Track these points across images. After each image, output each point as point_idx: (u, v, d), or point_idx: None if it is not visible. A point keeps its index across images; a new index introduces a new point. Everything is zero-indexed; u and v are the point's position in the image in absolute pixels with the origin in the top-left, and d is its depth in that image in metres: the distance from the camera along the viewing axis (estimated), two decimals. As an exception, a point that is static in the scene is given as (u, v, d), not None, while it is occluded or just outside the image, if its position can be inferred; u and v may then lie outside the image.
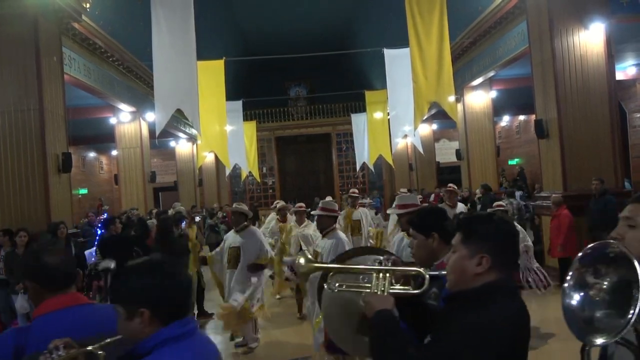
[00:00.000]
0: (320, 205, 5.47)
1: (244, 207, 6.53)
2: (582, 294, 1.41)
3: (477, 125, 14.29)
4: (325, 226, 5.31)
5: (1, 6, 8.22)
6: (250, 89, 23.11)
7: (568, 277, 1.46)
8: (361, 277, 2.02)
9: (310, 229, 7.33)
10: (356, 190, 10.88)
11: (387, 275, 1.89)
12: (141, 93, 14.11)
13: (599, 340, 1.34)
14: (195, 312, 7.50)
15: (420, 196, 13.04)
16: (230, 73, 15.24)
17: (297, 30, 20.56)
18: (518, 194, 14.63)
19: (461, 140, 15.06)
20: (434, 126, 19.73)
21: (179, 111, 8.27)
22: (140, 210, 12.96)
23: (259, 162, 19.54)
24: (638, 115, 13.55)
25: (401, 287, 1.89)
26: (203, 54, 9.34)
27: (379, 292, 1.84)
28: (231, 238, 6.32)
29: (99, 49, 11.00)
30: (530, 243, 6.40)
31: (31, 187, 8.30)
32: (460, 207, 8.35)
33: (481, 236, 1.68)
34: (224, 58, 11.15)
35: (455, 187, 8.54)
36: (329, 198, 11.76)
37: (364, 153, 17.69)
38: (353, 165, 22.00)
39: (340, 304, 2.13)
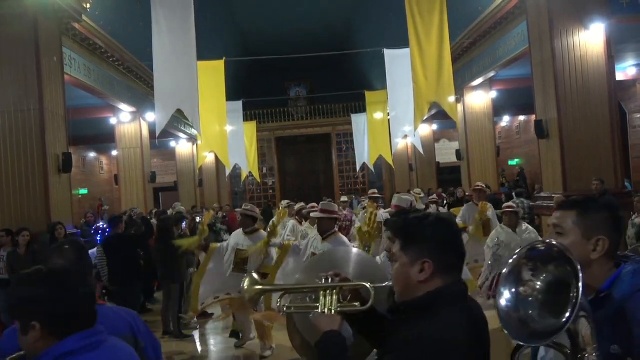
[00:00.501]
0: (320, 207, 5.32)
1: (254, 210, 6.23)
2: (514, 289, 1.35)
3: (477, 125, 14.29)
4: (326, 229, 5.11)
5: (1, 6, 8.22)
6: (250, 89, 23.11)
7: (510, 261, 1.40)
8: (308, 296, 1.93)
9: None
10: (376, 191, 10.51)
11: (334, 292, 1.79)
12: (141, 93, 14.11)
13: (531, 343, 1.31)
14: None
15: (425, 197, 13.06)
16: (231, 73, 15.25)
17: (297, 30, 20.56)
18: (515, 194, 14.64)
19: (461, 141, 15.06)
20: (434, 126, 19.73)
21: (179, 111, 8.28)
22: (140, 211, 12.95)
23: (259, 162, 19.55)
24: (638, 116, 13.55)
25: (349, 304, 1.79)
26: (203, 54, 9.35)
27: (326, 311, 1.75)
28: (239, 239, 5.99)
29: (99, 49, 11.00)
30: None
31: (31, 187, 8.30)
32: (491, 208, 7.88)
33: (420, 240, 1.55)
34: (224, 58, 11.16)
35: (484, 186, 8.07)
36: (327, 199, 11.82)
37: (364, 153, 17.70)
38: (353, 166, 22.00)
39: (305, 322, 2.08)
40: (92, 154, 21.00)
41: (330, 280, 1.85)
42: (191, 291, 6.30)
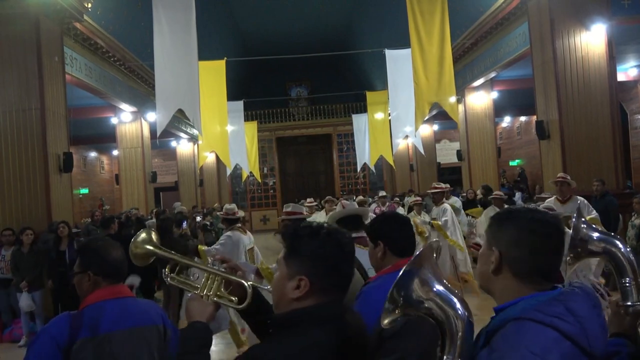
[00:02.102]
0: (284, 209, 5.03)
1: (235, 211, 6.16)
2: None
3: (478, 126, 14.29)
4: None
5: (2, 6, 8.23)
6: (251, 90, 23.15)
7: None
8: (193, 274, 1.90)
9: None
10: (385, 193, 10.04)
11: (216, 278, 1.71)
12: (142, 93, 14.12)
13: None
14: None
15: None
16: (232, 73, 15.25)
17: (298, 30, 20.57)
18: (518, 195, 14.65)
19: (462, 141, 15.06)
20: (435, 127, 19.74)
21: (180, 111, 8.28)
22: (141, 210, 12.97)
23: (259, 162, 19.55)
24: (639, 117, 13.54)
25: (227, 296, 1.71)
26: (204, 54, 9.36)
27: (203, 297, 1.69)
28: (245, 239, 5.96)
29: (100, 49, 11.01)
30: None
31: (32, 186, 8.31)
32: (574, 204, 6.37)
33: (302, 254, 1.42)
34: (225, 58, 11.16)
35: (568, 177, 6.78)
36: (309, 199, 11.85)
37: (365, 154, 17.70)
38: (354, 166, 21.99)
39: None
40: (93, 154, 21.01)
41: (217, 265, 1.77)
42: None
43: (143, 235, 1.93)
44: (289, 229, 1.51)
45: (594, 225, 1.74)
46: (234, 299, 1.71)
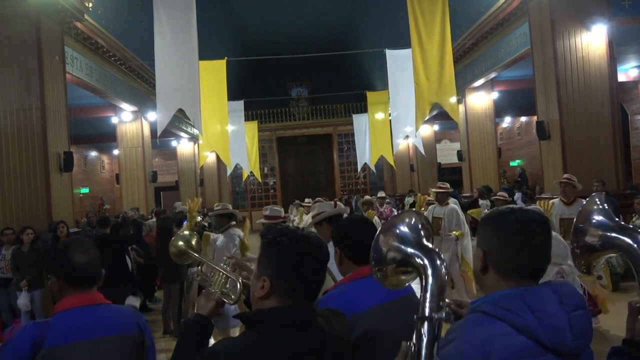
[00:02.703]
0: (265, 212, 4.86)
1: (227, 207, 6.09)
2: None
3: (478, 126, 14.29)
4: None
5: (3, 5, 8.23)
6: (251, 89, 23.15)
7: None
8: (210, 273, 2.03)
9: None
10: (383, 194, 9.72)
11: (222, 276, 1.90)
12: (143, 93, 14.13)
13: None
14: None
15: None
16: (232, 73, 15.26)
17: (298, 30, 20.57)
18: (518, 195, 14.64)
19: (462, 142, 15.06)
20: (436, 127, 19.74)
21: (180, 111, 8.28)
22: (141, 210, 12.97)
23: (260, 162, 19.56)
24: (639, 117, 13.54)
25: (226, 293, 1.87)
26: (205, 54, 9.36)
27: (212, 292, 1.85)
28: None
29: (101, 48, 11.01)
30: (568, 264, 4.90)
31: (32, 185, 8.31)
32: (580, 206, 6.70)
33: (268, 256, 1.48)
34: (226, 58, 11.16)
35: (574, 178, 6.53)
36: (307, 200, 11.81)
37: (365, 154, 17.71)
38: (354, 166, 22.00)
39: None
40: (94, 153, 21.02)
41: (226, 264, 1.96)
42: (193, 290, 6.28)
43: (182, 236, 2.23)
44: (266, 229, 1.58)
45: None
46: (232, 296, 1.84)
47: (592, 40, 8.97)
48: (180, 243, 2.23)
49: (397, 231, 1.36)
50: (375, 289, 1.87)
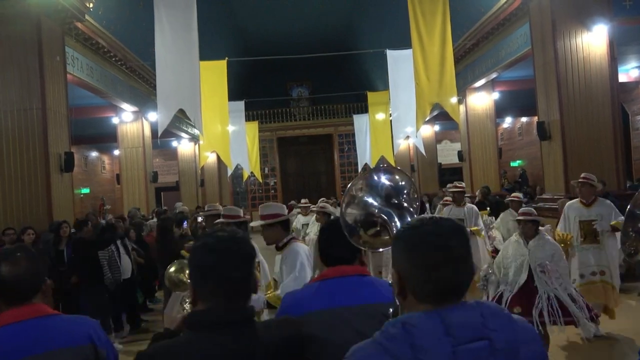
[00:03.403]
0: (223, 211, 4.70)
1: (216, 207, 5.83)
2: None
3: (479, 126, 14.29)
4: (273, 239, 3.83)
5: (4, 6, 8.24)
6: (252, 90, 23.15)
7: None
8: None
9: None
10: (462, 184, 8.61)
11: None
12: (143, 93, 14.13)
13: None
14: None
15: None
16: (233, 73, 15.26)
17: (299, 30, 20.57)
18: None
19: (463, 142, 15.06)
20: (436, 127, 19.74)
21: (181, 111, 8.29)
22: (141, 210, 12.97)
23: (260, 162, 19.57)
24: (640, 118, 13.53)
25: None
26: (205, 54, 9.36)
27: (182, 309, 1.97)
28: None
29: (101, 48, 11.01)
30: (563, 264, 4.90)
31: (33, 186, 8.31)
32: (601, 207, 5.97)
33: (190, 263, 1.53)
34: (227, 58, 11.18)
35: (592, 178, 6.14)
36: (304, 200, 11.65)
37: (366, 154, 17.71)
38: (355, 166, 22.01)
39: None
40: (94, 154, 21.03)
41: None
42: None
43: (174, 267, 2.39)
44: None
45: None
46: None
47: (593, 40, 8.97)
48: (173, 273, 2.31)
49: (367, 189, 1.33)
50: (338, 292, 1.87)
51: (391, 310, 1.35)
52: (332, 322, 1.80)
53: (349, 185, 1.40)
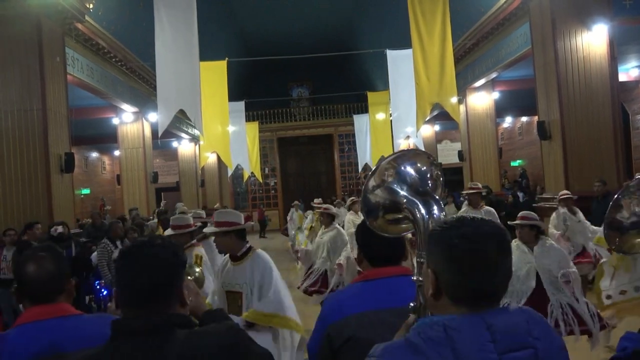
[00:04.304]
0: (172, 221, 4.51)
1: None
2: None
3: (479, 126, 14.29)
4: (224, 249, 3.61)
5: (4, 7, 8.25)
6: (252, 90, 23.14)
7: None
8: None
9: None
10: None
11: None
12: (144, 93, 14.14)
13: None
14: None
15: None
16: (233, 74, 15.26)
17: (299, 30, 20.57)
18: (519, 195, 14.63)
19: (463, 142, 15.05)
20: (437, 127, 19.73)
21: (181, 111, 8.29)
22: (141, 210, 12.98)
23: (261, 162, 19.57)
24: (641, 117, 13.53)
25: None
26: (205, 54, 9.36)
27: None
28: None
29: (101, 49, 11.02)
30: (573, 270, 4.53)
31: (34, 186, 8.32)
32: None
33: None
34: (227, 59, 11.18)
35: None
36: (317, 200, 11.79)
37: (366, 154, 17.72)
38: (355, 167, 22.02)
39: None
40: (95, 154, 21.04)
41: None
42: None
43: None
44: None
45: None
46: None
47: (593, 40, 8.96)
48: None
49: (397, 174, 1.30)
50: (377, 294, 1.83)
51: (412, 304, 1.30)
52: (374, 324, 1.75)
53: (381, 162, 1.37)
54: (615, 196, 1.56)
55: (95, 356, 1.40)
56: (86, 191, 19.49)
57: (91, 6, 9.41)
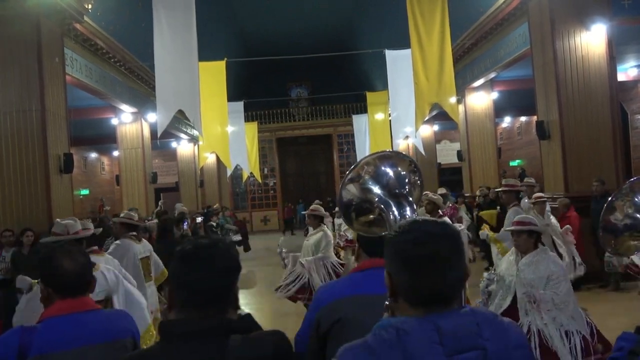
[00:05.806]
0: (54, 228, 4.39)
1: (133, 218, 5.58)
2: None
3: (478, 126, 14.29)
4: None
5: (3, 7, 8.23)
6: (251, 90, 23.13)
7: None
8: None
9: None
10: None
11: None
12: (143, 94, 14.13)
13: None
14: None
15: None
16: (232, 74, 15.26)
17: (298, 31, 20.58)
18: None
19: (462, 142, 15.06)
20: (435, 127, 19.74)
21: (180, 112, 8.28)
22: (141, 211, 12.96)
23: (260, 163, 19.57)
24: (639, 117, 13.53)
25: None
26: (204, 55, 9.36)
27: None
28: (138, 247, 5.32)
29: (100, 49, 11.01)
30: (563, 290, 3.76)
31: (33, 187, 8.31)
32: None
33: (169, 269, 1.59)
34: (226, 59, 11.18)
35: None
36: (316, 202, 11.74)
37: (365, 154, 17.62)
38: (354, 167, 21.97)
39: None
40: (94, 155, 21.02)
41: None
42: None
43: None
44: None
45: None
46: None
47: (592, 40, 8.97)
48: None
49: (371, 175, 1.33)
50: (369, 281, 1.87)
51: (387, 302, 1.32)
52: (364, 306, 1.79)
53: (360, 161, 1.38)
54: (609, 199, 1.61)
55: (151, 357, 1.45)
56: (85, 192, 19.48)
57: (90, 7, 9.40)
